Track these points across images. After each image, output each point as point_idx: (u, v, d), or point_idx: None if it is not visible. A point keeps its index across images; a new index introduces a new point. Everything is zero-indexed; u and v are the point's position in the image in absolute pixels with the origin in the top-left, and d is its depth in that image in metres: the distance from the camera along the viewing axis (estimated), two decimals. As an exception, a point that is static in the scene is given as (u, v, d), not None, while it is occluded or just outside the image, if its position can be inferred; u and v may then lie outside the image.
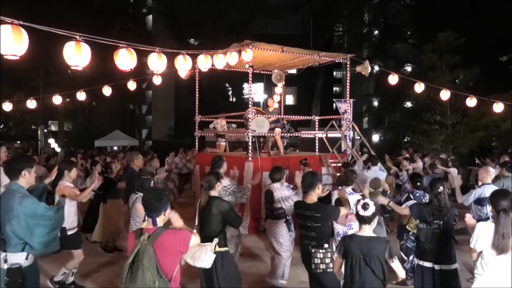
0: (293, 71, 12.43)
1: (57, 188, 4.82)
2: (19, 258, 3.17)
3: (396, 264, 3.12)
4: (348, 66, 9.99)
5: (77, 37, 4.35)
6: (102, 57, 8.43)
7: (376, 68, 22.25)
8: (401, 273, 3.15)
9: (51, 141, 26.09)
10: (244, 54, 7.69)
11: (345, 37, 30.10)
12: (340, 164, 8.94)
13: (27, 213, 3.12)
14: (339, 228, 5.16)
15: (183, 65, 6.11)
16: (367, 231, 3.14)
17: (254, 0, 26.78)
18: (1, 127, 25.03)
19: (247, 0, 25.91)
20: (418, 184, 5.33)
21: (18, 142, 23.60)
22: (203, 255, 3.52)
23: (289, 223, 5.29)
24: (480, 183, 5.27)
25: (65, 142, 27.55)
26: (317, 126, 10.47)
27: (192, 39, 27.72)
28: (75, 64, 4.42)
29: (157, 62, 5.38)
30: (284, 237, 5.23)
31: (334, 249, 5.01)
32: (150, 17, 37.97)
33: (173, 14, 26.41)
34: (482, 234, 3.09)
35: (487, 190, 5.00)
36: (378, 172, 7.11)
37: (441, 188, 3.98)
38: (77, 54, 4.36)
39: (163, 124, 35.92)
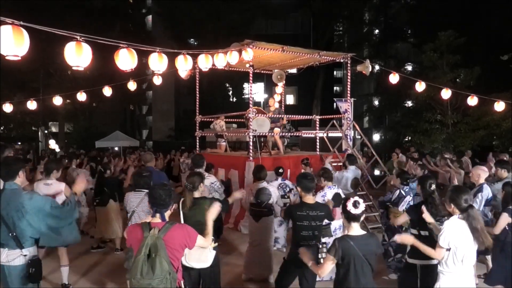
0: (294, 70, 12.43)
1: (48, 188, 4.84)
2: (35, 251, 3.35)
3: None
4: (348, 65, 9.98)
5: (78, 37, 4.34)
6: (102, 57, 8.42)
7: (377, 67, 22.23)
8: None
9: (52, 142, 26.09)
10: (244, 53, 7.68)
11: (345, 36, 30.10)
12: (341, 164, 8.95)
13: (37, 208, 3.24)
14: (335, 224, 5.25)
15: (183, 65, 6.11)
16: (357, 229, 3.10)
17: (254, 1, 26.78)
18: (1, 128, 25.04)
19: (247, 1, 25.91)
20: (407, 180, 5.51)
21: (19, 143, 23.56)
22: (209, 255, 3.53)
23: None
24: (477, 184, 5.22)
25: (65, 143, 27.55)
26: (317, 125, 10.46)
27: (192, 40, 27.73)
28: (76, 64, 4.41)
29: (158, 62, 5.39)
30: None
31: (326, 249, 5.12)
32: (150, 17, 37.97)
33: (172, 15, 26.42)
34: (453, 231, 3.11)
35: (487, 191, 5.07)
36: (355, 171, 7.14)
37: (433, 186, 3.96)
38: (78, 55, 4.35)
39: (164, 125, 35.94)
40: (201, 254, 3.56)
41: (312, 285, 4.19)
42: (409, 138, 18.50)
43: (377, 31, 29.22)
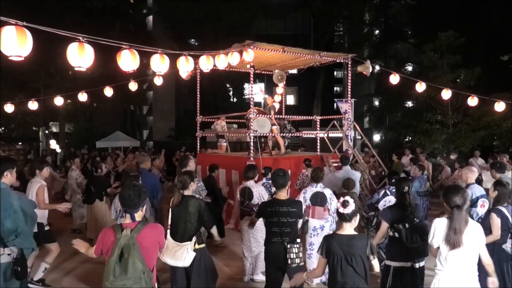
0: (294, 71, 12.45)
1: (30, 185, 5.00)
2: (18, 249, 3.40)
3: (376, 261, 3.12)
4: (349, 66, 10.00)
5: (80, 38, 4.36)
6: (103, 58, 8.42)
7: (377, 68, 22.24)
8: (377, 269, 3.18)
9: (53, 142, 26.10)
10: (245, 54, 7.71)
11: (345, 37, 30.12)
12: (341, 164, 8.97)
13: (23, 208, 3.33)
14: (315, 223, 5.26)
15: (185, 66, 6.13)
16: (348, 229, 3.10)
17: (254, 1, 26.80)
18: (2, 128, 25.05)
19: (247, 1, 25.93)
20: (393, 180, 5.48)
21: (20, 143, 23.59)
22: (184, 254, 3.60)
23: None
24: (464, 184, 5.18)
25: (66, 143, 27.56)
26: (318, 126, 10.48)
27: (192, 40, 27.75)
28: (79, 65, 4.44)
29: (159, 64, 5.41)
30: (262, 234, 5.35)
31: (309, 246, 5.24)
32: (151, 18, 37.99)
33: (173, 16, 26.44)
34: (438, 230, 3.16)
35: (475, 191, 5.05)
36: (350, 172, 7.17)
37: (406, 188, 4.03)
38: (80, 55, 4.37)
39: (164, 125, 35.96)
40: (175, 252, 3.61)
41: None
42: (410, 138, 18.50)
43: (377, 31, 29.22)
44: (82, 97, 11.29)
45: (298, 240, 4.00)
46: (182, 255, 3.65)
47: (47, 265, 5.16)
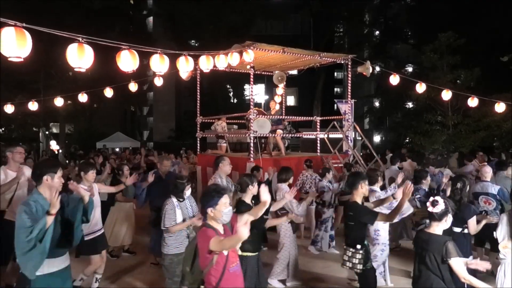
0: (294, 72, 12.44)
1: None
2: None
3: (454, 263, 3.06)
4: (349, 66, 10.00)
5: (80, 39, 4.36)
6: (103, 59, 8.43)
7: (377, 68, 22.25)
8: (460, 273, 3.07)
9: (53, 143, 26.11)
10: (245, 55, 7.70)
11: (345, 37, 30.15)
12: (341, 165, 8.96)
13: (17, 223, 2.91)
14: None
15: (185, 66, 6.12)
16: (433, 227, 3.25)
17: (254, 2, 26.81)
18: (2, 129, 25.05)
19: (247, 2, 25.94)
20: (417, 179, 5.70)
21: (20, 144, 23.62)
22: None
23: (293, 224, 5.33)
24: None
25: (66, 144, 27.57)
26: (318, 126, 10.47)
27: (192, 41, 27.78)
28: (78, 66, 4.43)
29: (159, 64, 5.40)
30: (286, 237, 5.27)
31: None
32: (151, 19, 38.02)
33: (173, 17, 26.47)
34: (504, 225, 3.83)
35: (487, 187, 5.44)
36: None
37: (460, 184, 4.48)
38: (80, 56, 4.36)
39: (164, 126, 35.98)
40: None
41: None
42: (409, 139, 18.51)
43: (377, 32, 29.26)
44: (82, 98, 11.29)
45: (358, 246, 3.91)
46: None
47: (84, 276, 4.91)
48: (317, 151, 10.05)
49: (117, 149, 22.29)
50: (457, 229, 4.31)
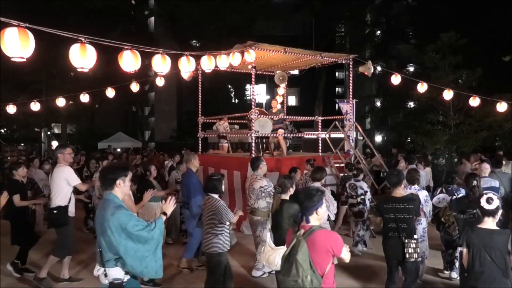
0: (296, 72, 12.44)
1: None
2: (118, 273, 2.93)
3: None
4: (351, 66, 9.99)
5: (82, 39, 4.37)
6: (104, 59, 8.45)
7: (379, 68, 22.21)
8: None
9: (55, 143, 26.18)
10: (247, 55, 7.71)
11: (347, 37, 30.09)
12: (343, 165, 8.96)
13: (117, 225, 2.87)
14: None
15: (186, 67, 6.13)
16: (489, 223, 3.35)
17: (255, 2, 26.81)
18: (4, 129, 25.11)
19: (248, 2, 25.94)
20: (450, 179, 5.75)
21: (22, 144, 23.64)
22: (277, 259, 3.45)
23: (330, 222, 5.61)
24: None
25: (67, 144, 27.62)
26: (320, 126, 10.47)
27: (194, 41, 27.79)
28: (81, 66, 4.44)
29: (161, 64, 5.42)
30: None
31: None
32: (152, 19, 38.06)
33: (174, 17, 26.47)
34: None
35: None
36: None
37: (474, 182, 4.73)
38: (82, 56, 4.38)
39: (166, 126, 36.02)
40: (269, 257, 3.26)
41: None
42: (411, 139, 18.47)
43: (378, 32, 29.20)
44: (84, 98, 11.29)
45: (416, 236, 4.16)
46: (275, 260, 3.54)
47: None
48: (319, 151, 10.05)
49: (119, 150, 22.33)
50: None
